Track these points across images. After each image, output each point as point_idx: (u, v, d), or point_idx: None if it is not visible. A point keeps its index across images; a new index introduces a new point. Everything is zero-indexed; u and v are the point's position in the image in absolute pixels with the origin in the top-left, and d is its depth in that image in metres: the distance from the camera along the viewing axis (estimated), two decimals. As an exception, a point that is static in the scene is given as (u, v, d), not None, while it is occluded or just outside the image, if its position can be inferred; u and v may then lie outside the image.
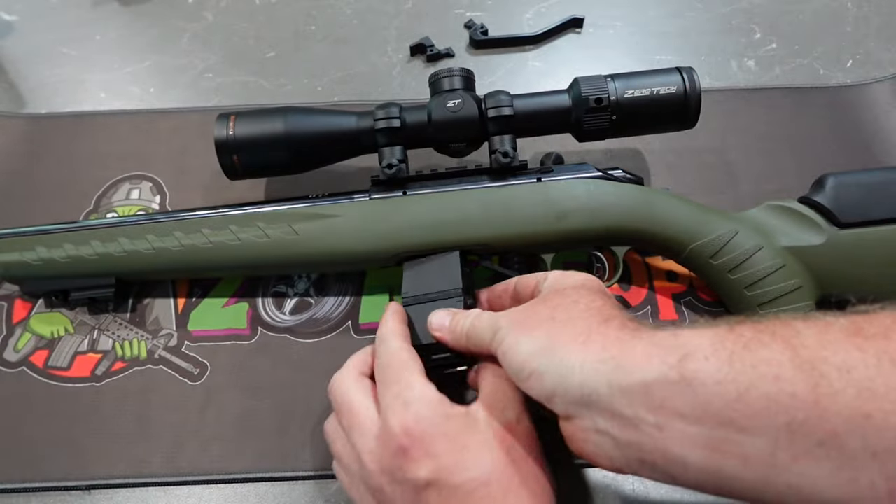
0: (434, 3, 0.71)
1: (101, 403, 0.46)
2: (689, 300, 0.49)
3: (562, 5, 0.70)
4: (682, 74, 0.46)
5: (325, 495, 0.43)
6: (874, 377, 0.25)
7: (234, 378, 0.47)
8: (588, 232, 0.45)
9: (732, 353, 0.28)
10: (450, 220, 0.45)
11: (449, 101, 0.46)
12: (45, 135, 0.61)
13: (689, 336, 0.29)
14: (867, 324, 0.27)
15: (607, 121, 0.46)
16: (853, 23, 0.68)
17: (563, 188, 0.46)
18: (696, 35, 0.67)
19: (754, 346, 0.27)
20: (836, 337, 0.27)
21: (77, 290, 0.48)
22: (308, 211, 0.46)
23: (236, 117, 0.47)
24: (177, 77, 0.66)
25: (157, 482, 0.43)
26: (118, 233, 0.47)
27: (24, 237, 0.47)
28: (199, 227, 0.47)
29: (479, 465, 0.32)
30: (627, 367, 0.29)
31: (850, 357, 0.25)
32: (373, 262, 0.47)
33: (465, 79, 0.48)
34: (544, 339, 0.32)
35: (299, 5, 0.72)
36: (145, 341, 0.49)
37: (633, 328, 0.32)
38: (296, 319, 0.50)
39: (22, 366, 0.48)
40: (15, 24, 0.71)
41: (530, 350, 0.33)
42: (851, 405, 0.24)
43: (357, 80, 0.65)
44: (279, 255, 0.46)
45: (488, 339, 0.36)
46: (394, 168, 0.46)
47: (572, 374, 0.30)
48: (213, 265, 0.47)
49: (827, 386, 0.25)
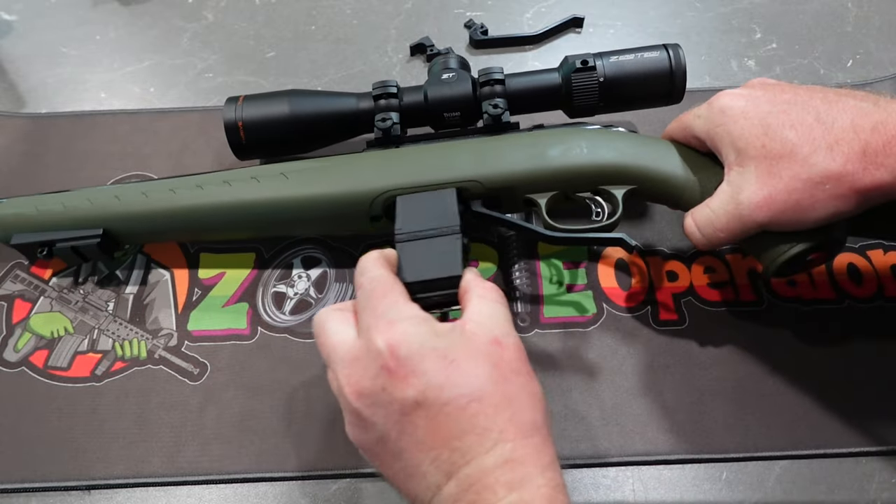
0: (434, 3, 0.71)
1: (101, 403, 0.46)
2: (689, 300, 0.49)
3: (562, 5, 0.70)
4: (667, 49, 0.48)
5: (325, 495, 0.43)
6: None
7: (235, 378, 0.47)
8: (583, 168, 0.44)
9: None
10: (440, 161, 0.46)
11: (444, 75, 0.49)
12: (45, 134, 0.61)
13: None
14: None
15: (596, 84, 0.48)
16: (854, 22, 0.68)
17: (558, 133, 0.46)
18: (696, 35, 0.67)
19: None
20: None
21: (63, 241, 0.48)
22: (301, 164, 0.48)
23: (245, 98, 0.49)
24: (177, 77, 0.66)
25: (157, 482, 0.43)
26: (115, 189, 0.49)
27: (22, 198, 0.50)
28: (193, 182, 0.48)
29: (469, 380, 0.31)
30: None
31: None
32: (360, 204, 0.45)
33: (460, 61, 0.51)
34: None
35: (299, 5, 0.72)
36: (145, 341, 0.49)
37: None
38: (296, 319, 0.50)
39: (22, 366, 0.48)
40: (15, 24, 0.71)
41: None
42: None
43: (357, 80, 0.65)
44: (269, 202, 0.46)
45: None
46: (387, 122, 0.48)
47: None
48: (203, 215, 0.47)
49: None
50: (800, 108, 0.38)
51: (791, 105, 0.38)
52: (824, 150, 0.36)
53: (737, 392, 0.45)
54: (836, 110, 0.37)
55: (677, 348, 0.47)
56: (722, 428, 0.44)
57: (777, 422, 0.44)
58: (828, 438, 0.43)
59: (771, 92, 0.40)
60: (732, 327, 0.48)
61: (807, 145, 0.36)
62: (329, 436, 0.45)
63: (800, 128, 0.37)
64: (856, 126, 0.36)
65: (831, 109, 0.37)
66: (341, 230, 0.52)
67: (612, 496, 0.42)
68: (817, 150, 0.36)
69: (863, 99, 0.37)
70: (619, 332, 0.48)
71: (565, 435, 0.44)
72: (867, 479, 0.42)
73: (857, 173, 0.35)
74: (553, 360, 0.47)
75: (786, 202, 0.37)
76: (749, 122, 0.39)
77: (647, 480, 0.43)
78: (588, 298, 0.50)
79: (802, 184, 0.36)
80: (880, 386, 0.45)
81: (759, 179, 0.38)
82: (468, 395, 0.31)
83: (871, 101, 0.37)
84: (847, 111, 0.36)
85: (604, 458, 0.43)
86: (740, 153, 0.39)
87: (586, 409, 0.45)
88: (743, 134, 0.39)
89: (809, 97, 0.38)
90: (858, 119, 0.36)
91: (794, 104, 0.38)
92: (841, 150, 0.35)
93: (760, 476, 0.42)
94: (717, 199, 0.40)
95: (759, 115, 0.38)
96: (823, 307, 0.49)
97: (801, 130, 0.37)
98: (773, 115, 0.38)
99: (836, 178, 0.35)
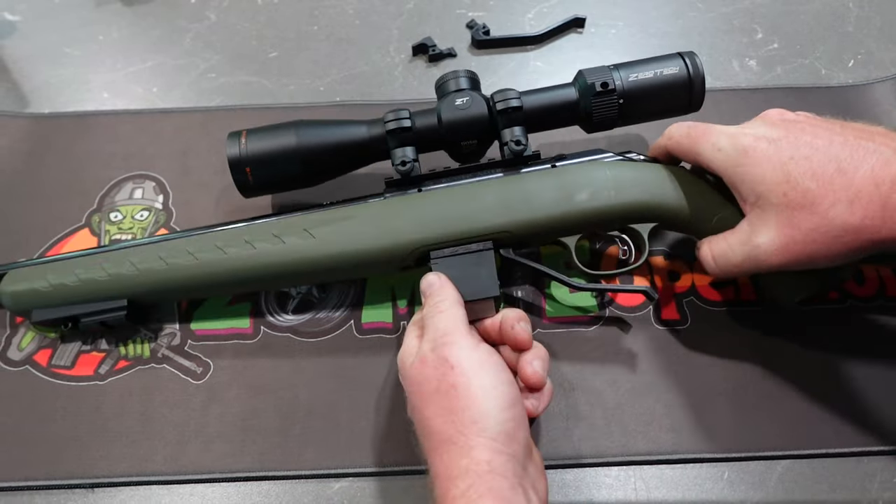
0: (436, 4, 0.71)
1: (105, 402, 0.46)
2: (690, 300, 0.49)
3: (563, 5, 0.70)
4: (684, 58, 0.47)
5: (327, 494, 0.43)
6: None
7: (237, 377, 0.47)
8: (611, 210, 0.44)
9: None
10: (467, 210, 0.44)
11: (457, 100, 0.47)
12: (48, 134, 0.61)
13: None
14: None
15: (615, 105, 0.47)
16: (855, 22, 0.68)
17: (581, 170, 0.45)
18: (698, 35, 0.67)
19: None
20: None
21: (87, 315, 0.46)
22: (323, 216, 0.46)
23: (248, 133, 0.47)
24: (179, 77, 0.66)
25: (160, 480, 0.44)
26: (129, 253, 0.46)
27: (33, 266, 0.47)
28: (213, 241, 0.46)
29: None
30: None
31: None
32: (392, 260, 0.45)
33: (470, 79, 0.48)
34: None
35: (301, 5, 0.72)
36: (148, 340, 0.49)
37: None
38: (298, 319, 0.50)
39: (26, 364, 0.48)
40: (18, 25, 0.71)
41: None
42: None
43: (359, 80, 0.65)
44: (296, 262, 0.45)
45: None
46: (407, 164, 0.46)
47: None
48: (228, 277, 0.45)
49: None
50: (821, 156, 0.37)
51: (813, 151, 0.38)
52: (844, 203, 0.36)
53: (738, 392, 0.45)
54: (857, 157, 0.37)
55: (679, 348, 0.47)
56: (724, 427, 0.44)
57: (779, 421, 0.44)
58: (829, 438, 0.43)
59: (793, 133, 0.39)
60: (734, 327, 0.48)
61: (828, 198, 0.36)
62: (331, 435, 0.45)
63: (821, 179, 0.37)
64: (876, 178, 0.36)
65: (853, 157, 0.37)
66: (365, 276, 0.51)
67: (615, 495, 0.42)
68: (837, 203, 0.36)
69: (883, 142, 0.37)
70: (621, 333, 0.48)
71: (568, 435, 0.44)
72: (869, 479, 0.42)
73: (876, 227, 0.35)
74: (555, 360, 0.47)
75: (802, 252, 0.38)
76: (771, 168, 0.39)
77: (650, 480, 0.43)
78: (590, 299, 0.50)
79: (821, 236, 0.37)
80: (882, 385, 0.45)
81: (778, 228, 0.38)
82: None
83: (891, 145, 0.36)
84: (868, 158, 0.36)
85: (606, 457, 0.43)
86: (760, 197, 0.39)
87: (588, 409, 0.45)
88: (765, 179, 0.39)
89: (830, 141, 0.38)
90: (879, 170, 0.36)
91: (815, 150, 0.38)
92: (861, 203, 0.36)
93: (762, 475, 0.43)
94: (736, 237, 0.41)
95: (782, 161, 0.38)
96: (825, 307, 0.49)
97: (822, 181, 0.37)
98: (794, 163, 0.38)
99: (854, 233, 0.36)
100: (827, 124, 0.40)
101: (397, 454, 0.44)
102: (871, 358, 0.46)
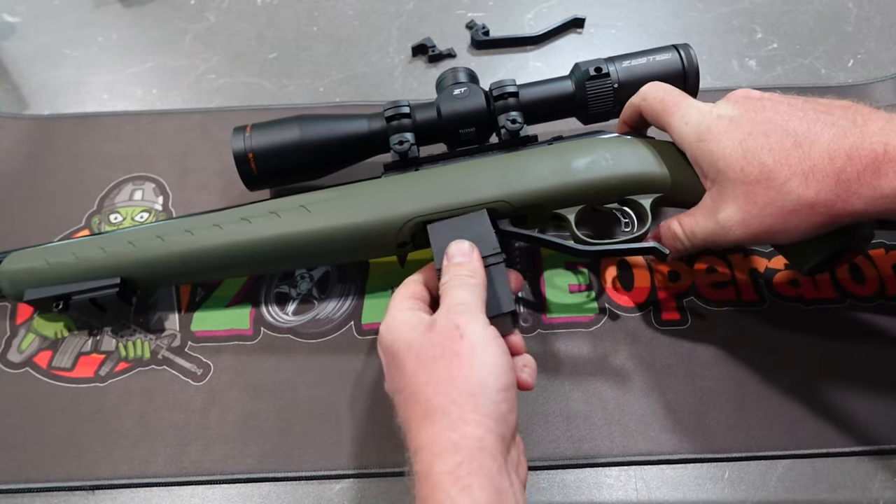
0: (435, 4, 0.71)
1: (105, 404, 0.46)
2: (691, 300, 0.49)
3: (563, 6, 0.70)
4: (678, 49, 0.48)
5: (328, 496, 0.43)
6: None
7: (238, 378, 0.47)
8: (609, 180, 0.44)
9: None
10: (464, 182, 0.44)
11: (455, 90, 0.48)
12: (48, 136, 0.61)
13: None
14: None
15: (610, 90, 0.47)
16: (854, 22, 0.68)
17: (578, 143, 0.46)
18: (697, 35, 0.67)
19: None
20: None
21: (79, 293, 0.46)
22: (320, 194, 0.46)
23: (252, 127, 0.48)
24: (179, 78, 0.66)
25: (160, 482, 0.44)
26: (128, 234, 0.46)
27: (32, 249, 0.47)
28: (210, 220, 0.46)
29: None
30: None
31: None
32: (388, 232, 0.44)
33: (469, 74, 0.50)
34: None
35: (301, 6, 0.72)
36: (149, 342, 0.49)
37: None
38: (298, 320, 0.50)
39: (26, 366, 0.48)
40: (17, 26, 0.71)
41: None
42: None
43: (359, 81, 0.65)
44: (292, 237, 0.45)
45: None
46: (404, 144, 0.47)
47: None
48: (224, 254, 0.45)
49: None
50: (779, 131, 0.38)
51: (771, 126, 0.39)
52: (800, 177, 0.37)
53: (739, 392, 0.45)
54: (814, 131, 0.37)
55: (679, 348, 0.47)
56: (724, 427, 0.44)
57: (779, 421, 0.44)
58: (830, 438, 0.43)
59: (753, 111, 0.40)
60: (734, 327, 0.48)
61: (783, 172, 0.37)
62: (332, 436, 0.45)
63: (778, 153, 0.38)
64: (831, 151, 0.36)
65: (810, 130, 0.37)
66: (364, 259, 0.51)
67: (615, 496, 0.42)
68: (793, 177, 0.37)
69: (843, 115, 0.37)
70: (622, 333, 0.48)
71: (568, 435, 0.44)
72: (869, 479, 0.42)
73: (830, 201, 0.36)
74: (555, 360, 0.47)
75: (759, 226, 0.39)
76: (730, 144, 0.39)
77: (650, 480, 0.43)
78: (590, 299, 0.50)
79: (777, 210, 0.38)
80: (882, 385, 0.45)
81: (736, 203, 0.39)
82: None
83: (850, 118, 0.37)
84: (825, 132, 0.37)
85: (607, 457, 0.43)
86: (720, 173, 0.40)
87: (589, 409, 0.45)
88: (724, 154, 0.40)
89: (790, 116, 0.39)
90: (835, 142, 0.36)
91: (773, 126, 0.39)
92: (815, 178, 0.36)
93: (763, 475, 0.43)
94: (700, 213, 0.42)
95: (740, 137, 0.39)
96: (825, 306, 0.49)
97: (778, 156, 0.37)
98: (752, 138, 0.39)
99: (809, 206, 0.37)
100: (789, 100, 0.40)
101: (398, 455, 0.44)
102: (872, 357, 0.46)
